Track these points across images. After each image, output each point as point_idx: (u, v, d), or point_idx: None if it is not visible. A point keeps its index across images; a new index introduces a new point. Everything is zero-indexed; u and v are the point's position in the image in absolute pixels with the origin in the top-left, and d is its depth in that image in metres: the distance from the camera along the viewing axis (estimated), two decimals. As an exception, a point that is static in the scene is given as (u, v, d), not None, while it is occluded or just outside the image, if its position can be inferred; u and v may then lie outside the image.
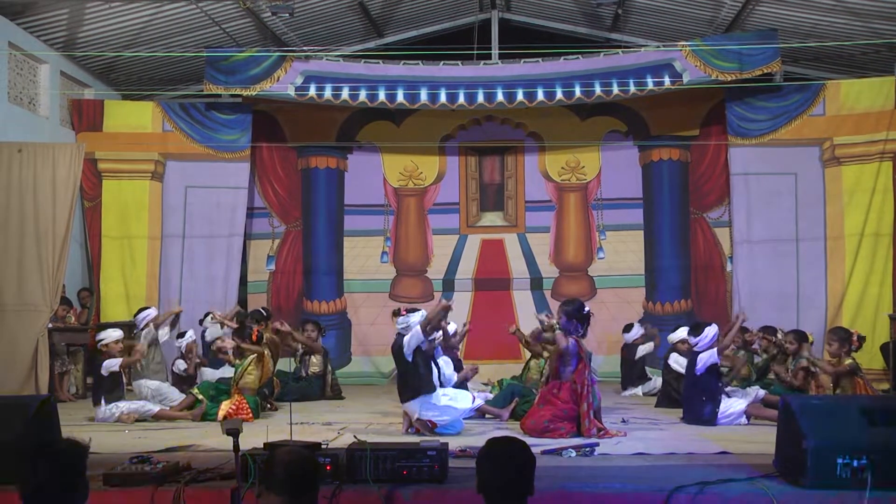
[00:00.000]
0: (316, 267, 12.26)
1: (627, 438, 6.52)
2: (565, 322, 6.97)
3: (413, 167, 12.42)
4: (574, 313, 6.96)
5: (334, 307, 12.22)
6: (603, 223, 12.26)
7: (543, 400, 6.90)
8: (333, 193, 12.44)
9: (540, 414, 6.76)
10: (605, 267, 12.20)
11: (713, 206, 12.03)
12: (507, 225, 12.41)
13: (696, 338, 7.71)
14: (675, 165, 12.14)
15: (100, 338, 8.21)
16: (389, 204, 12.45)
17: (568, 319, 6.95)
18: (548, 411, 6.74)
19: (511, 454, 3.24)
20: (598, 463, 5.47)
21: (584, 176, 12.34)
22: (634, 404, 9.06)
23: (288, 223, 12.40)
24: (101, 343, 8.14)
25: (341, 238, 12.38)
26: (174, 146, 11.55)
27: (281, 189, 12.41)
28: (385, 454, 4.68)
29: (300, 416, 7.62)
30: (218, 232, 11.54)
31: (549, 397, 6.83)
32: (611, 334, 11.60)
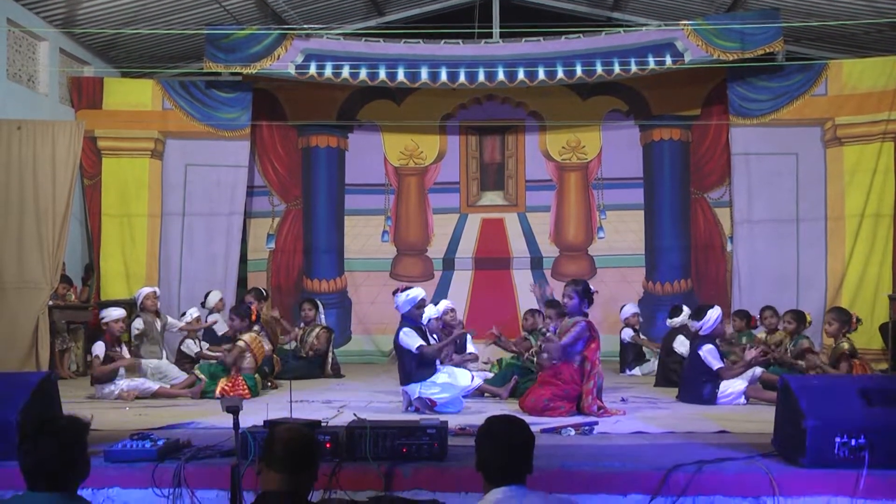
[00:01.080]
0: (316, 246, 12.26)
1: (626, 417, 6.53)
2: (577, 301, 6.91)
3: (413, 146, 12.38)
4: (585, 293, 6.94)
5: (334, 286, 12.22)
6: (603, 203, 12.24)
7: (543, 381, 6.90)
8: (334, 172, 12.41)
9: (539, 393, 6.77)
10: (606, 247, 12.18)
11: (714, 187, 12.00)
12: (508, 204, 12.39)
13: (698, 322, 7.68)
14: (675, 145, 12.10)
15: (101, 315, 8.23)
16: (390, 183, 12.42)
17: (579, 298, 6.90)
18: (548, 391, 6.74)
19: (510, 433, 3.24)
20: (597, 442, 5.47)
21: (585, 155, 12.30)
22: (633, 383, 9.07)
23: (288, 202, 12.38)
24: (102, 321, 8.15)
25: (342, 217, 12.36)
26: (174, 124, 11.51)
27: (281, 167, 12.37)
28: (385, 432, 4.69)
29: (300, 394, 7.63)
30: (218, 210, 11.52)
31: (549, 379, 6.82)
32: (610, 314, 11.59)
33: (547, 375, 6.88)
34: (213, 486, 4.52)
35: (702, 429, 5.91)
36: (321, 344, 9.90)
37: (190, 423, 6.13)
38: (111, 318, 8.08)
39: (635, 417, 6.55)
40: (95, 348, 7.97)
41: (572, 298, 6.92)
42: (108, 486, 4.55)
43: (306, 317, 10.04)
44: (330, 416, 6.26)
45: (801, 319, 8.56)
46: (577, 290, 6.91)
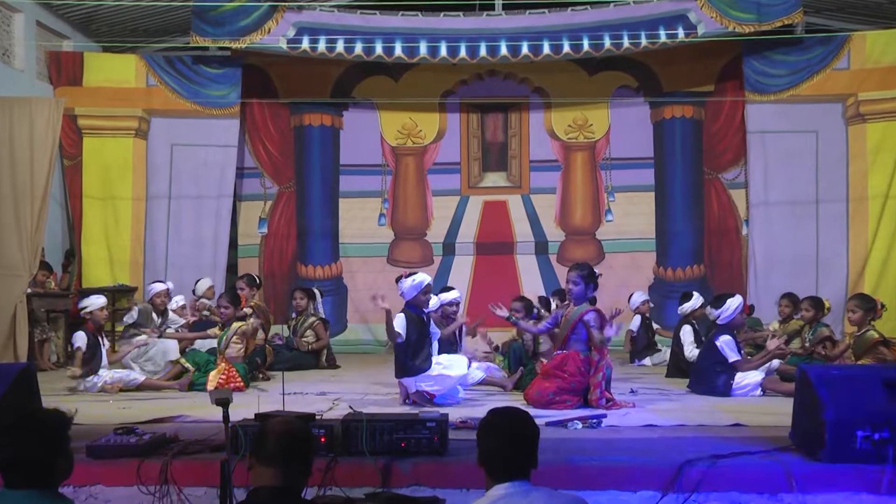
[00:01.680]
0: (310, 230, 12.25)
1: (636, 410, 6.53)
2: (582, 288, 6.87)
3: (412, 125, 12.35)
4: (590, 277, 6.90)
5: (329, 272, 12.22)
6: (612, 184, 12.22)
7: (547, 373, 6.88)
8: (328, 152, 12.38)
9: (544, 386, 6.74)
10: (614, 230, 12.17)
11: (728, 167, 11.97)
12: (511, 186, 12.37)
13: (717, 310, 7.66)
14: (688, 123, 12.07)
15: (82, 305, 8.15)
16: (387, 163, 12.40)
17: (584, 284, 6.86)
18: (553, 383, 6.71)
19: (514, 425, 3.22)
20: (606, 435, 5.47)
21: (592, 134, 12.27)
22: (644, 374, 9.08)
23: (280, 184, 12.36)
24: (84, 311, 8.08)
25: (337, 199, 12.34)
26: (159, 102, 11.47)
27: (273, 148, 12.35)
28: (382, 425, 4.69)
29: (293, 386, 7.64)
30: (206, 193, 11.50)
31: (554, 371, 6.80)
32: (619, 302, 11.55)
33: (551, 367, 6.86)
34: (201, 482, 4.52)
35: (715, 421, 5.91)
36: (322, 338, 9.89)
37: (177, 416, 6.13)
38: (95, 307, 8.02)
39: (646, 410, 6.55)
40: (76, 339, 7.94)
41: (577, 284, 6.87)
42: (91, 483, 4.55)
43: (298, 306, 9.99)
44: (324, 409, 6.25)
45: (819, 306, 8.54)
46: (581, 276, 6.86)
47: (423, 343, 6.87)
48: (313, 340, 9.85)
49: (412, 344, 6.80)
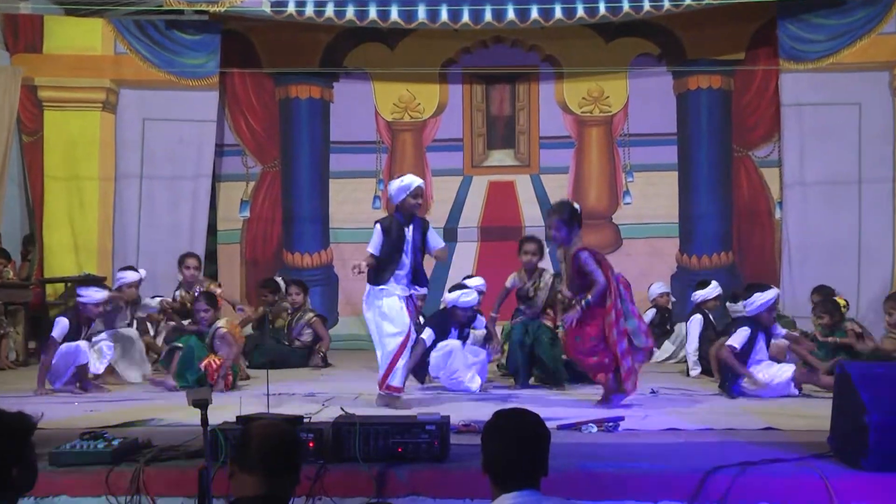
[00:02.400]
0: (297, 214, 12.24)
1: (658, 412, 6.55)
2: (566, 232, 6.78)
3: (409, 98, 12.33)
4: (572, 217, 6.81)
5: (318, 260, 12.22)
6: (630, 163, 12.20)
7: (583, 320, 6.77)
8: (317, 128, 12.37)
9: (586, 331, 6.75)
10: (633, 214, 12.16)
11: (760, 143, 11.94)
12: (519, 165, 12.36)
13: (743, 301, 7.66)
14: (715, 95, 12.03)
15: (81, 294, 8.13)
16: (382, 140, 12.39)
17: (568, 228, 6.78)
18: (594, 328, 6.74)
19: (522, 428, 3.22)
20: (624, 440, 5.48)
21: (609, 108, 12.25)
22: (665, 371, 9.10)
23: (264, 163, 12.35)
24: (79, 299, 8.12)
25: (327, 180, 12.33)
26: (129, 72, 11.44)
27: (256, 123, 12.34)
28: (377, 429, 4.69)
29: (279, 386, 7.65)
30: (182, 173, 11.49)
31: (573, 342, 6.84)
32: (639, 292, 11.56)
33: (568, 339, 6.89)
34: (177, 492, 4.53)
35: (744, 425, 5.92)
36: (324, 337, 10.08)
37: (150, 419, 6.14)
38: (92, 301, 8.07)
39: (667, 412, 6.56)
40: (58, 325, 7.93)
41: (560, 230, 6.80)
42: (55, 493, 4.56)
43: (294, 302, 10.14)
44: (314, 411, 6.26)
45: (834, 310, 8.44)
46: (563, 219, 6.78)
47: (397, 253, 6.89)
48: (310, 340, 9.96)
49: (383, 255, 6.88)
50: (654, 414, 6.48)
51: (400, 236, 6.92)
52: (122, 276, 9.22)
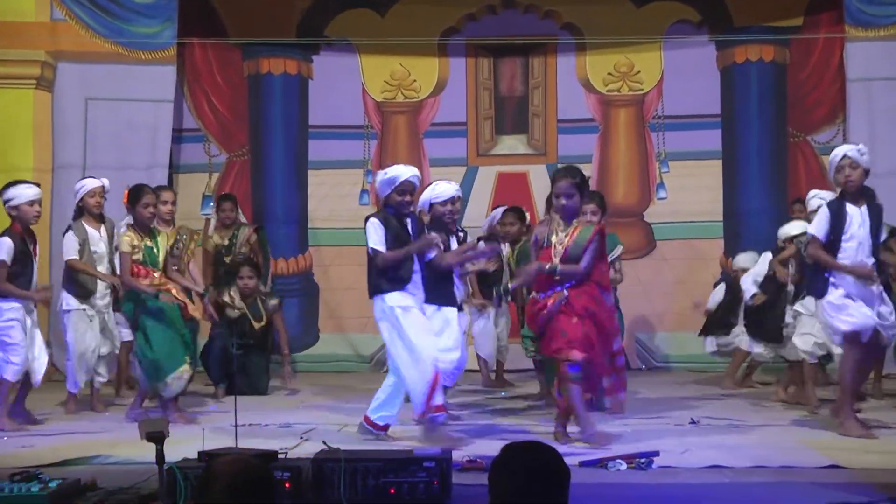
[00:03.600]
0: (270, 211, 12.23)
1: (700, 447, 6.54)
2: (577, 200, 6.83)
3: (403, 74, 12.35)
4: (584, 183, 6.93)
5: (295, 266, 12.21)
6: (665, 150, 12.21)
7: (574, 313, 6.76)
8: (294, 109, 12.40)
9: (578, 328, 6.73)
10: (668, 210, 12.15)
11: (821, 126, 11.97)
12: (533, 153, 12.37)
13: None
14: (767, 69, 12.03)
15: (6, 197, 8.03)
16: (371, 124, 12.40)
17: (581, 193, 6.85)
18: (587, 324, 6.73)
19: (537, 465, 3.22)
20: (658, 479, 5.48)
21: (640, 85, 12.27)
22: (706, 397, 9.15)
23: (230, 151, 12.36)
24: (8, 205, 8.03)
25: (305, 171, 12.34)
26: (68, 42, 11.41)
27: (220, 103, 12.36)
28: (366, 466, 4.70)
29: (249, 415, 7.63)
30: (133, 162, 11.42)
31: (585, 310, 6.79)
32: (676, 303, 11.59)
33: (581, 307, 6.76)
34: (127, 542, 4.52)
35: (803, 462, 5.91)
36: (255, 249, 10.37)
37: (95, 456, 6.13)
38: (23, 200, 7.96)
39: (710, 445, 6.55)
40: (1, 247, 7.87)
41: (571, 197, 6.81)
42: (-19, 544, 4.55)
43: (226, 218, 10.27)
44: (290, 446, 6.25)
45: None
46: (575, 183, 6.81)
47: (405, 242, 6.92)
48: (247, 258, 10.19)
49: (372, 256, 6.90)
50: (694, 448, 6.46)
51: (402, 229, 6.93)
52: (81, 184, 9.00)
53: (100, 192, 8.80)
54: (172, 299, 7.87)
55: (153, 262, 7.97)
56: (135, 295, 7.89)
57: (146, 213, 8.02)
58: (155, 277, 7.94)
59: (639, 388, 9.34)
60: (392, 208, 6.97)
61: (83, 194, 8.77)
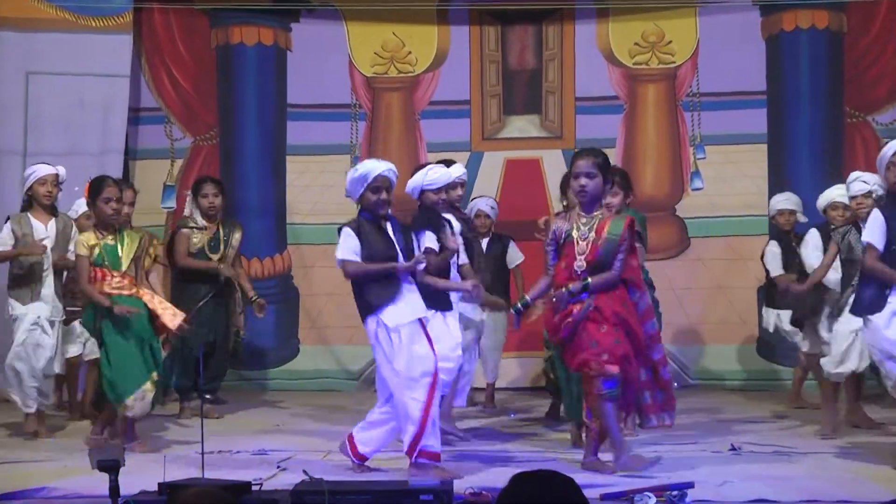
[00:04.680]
0: (242, 204, 12.19)
1: (741, 478, 6.55)
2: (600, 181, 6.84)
3: (397, 45, 12.35)
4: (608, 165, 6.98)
5: (272, 268, 12.20)
6: (701, 133, 12.20)
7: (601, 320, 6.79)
8: (269, 86, 12.42)
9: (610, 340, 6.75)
10: (705, 203, 12.14)
11: (883, 105, 11.96)
12: (548, 136, 12.37)
13: None
14: (820, 38, 12.02)
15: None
16: (359, 103, 12.40)
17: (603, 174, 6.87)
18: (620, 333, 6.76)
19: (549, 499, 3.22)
20: (694, 515, 5.49)
21: (672, 57, 12.26)
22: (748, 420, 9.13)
23: (196, 134, 12.36)
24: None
25: (283, 158, 12.34)
26: (6, 7, 11.43)
27: (184, 79, 12.36)
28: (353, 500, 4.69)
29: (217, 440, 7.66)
30: (83, 147, 11.47)
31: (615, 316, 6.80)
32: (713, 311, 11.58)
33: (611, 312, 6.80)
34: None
35: (862, 496, 5.93)
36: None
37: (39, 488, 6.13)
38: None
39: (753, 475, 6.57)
40: None
41: (593, 177, 6.81)
42: None
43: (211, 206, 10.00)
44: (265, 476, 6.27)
45: None
46: (598, 163, 6.84)
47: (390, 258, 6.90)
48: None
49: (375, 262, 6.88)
50: (735, 479, 6.47)
51: (381, 235, 6.92)
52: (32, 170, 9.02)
53: (52, 180, 8.82)
54: (130, 309, 7.84)
55: (113, 262, 7.94)
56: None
57: (107, 208, 8.00)
58: (113, 280, 7.92)
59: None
60: (367, 213, 6.96)
61: (32, 181, 8.81)
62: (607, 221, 6.82)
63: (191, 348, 9.37)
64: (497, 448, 7.81)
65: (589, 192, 6.81)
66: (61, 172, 8.89)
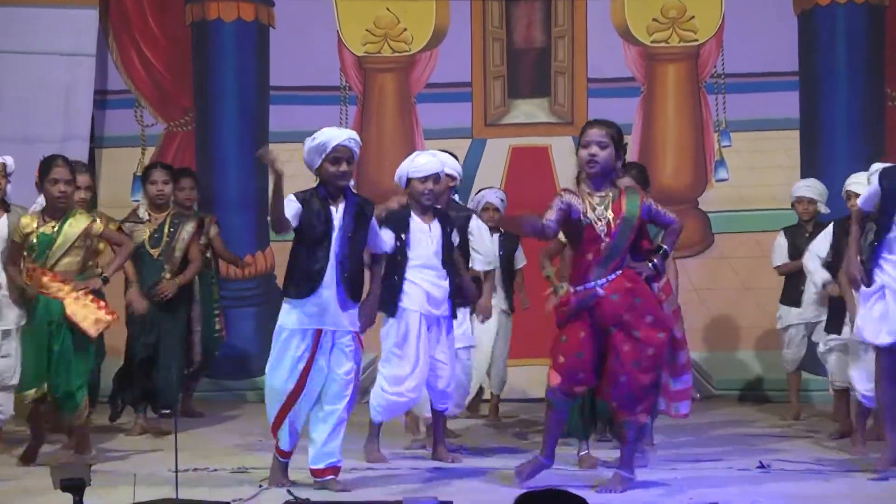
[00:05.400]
0: (221, 196, 12.22)
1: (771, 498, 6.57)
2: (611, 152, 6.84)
3: (391, 21, 12.38)
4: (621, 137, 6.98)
5: (253, 267, 12.20)
6: (726, 118, 12.23)
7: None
8: (250, 67, 12.44)
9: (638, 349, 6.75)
10: (731, 195, 12.16)
11: (928, 85, 11.98)
12: (557, 121, 12.38)
13: None
14: (859, 12, 12.00)
15: None
16: (349, 85, 12.41)
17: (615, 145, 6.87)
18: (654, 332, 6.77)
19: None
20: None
21: (694, 34, 12.28)
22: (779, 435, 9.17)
23: (170, 119, 12.38)
24: None
25: (265, 145, 12.31)
26: (-44, -22, 11.51)
27: (156, 58, 12.37)
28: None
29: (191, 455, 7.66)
30: (43, 133, 11.44)
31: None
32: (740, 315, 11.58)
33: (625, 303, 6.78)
34: None
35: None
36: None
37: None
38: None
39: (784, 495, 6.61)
40: None
41: (605, 147, 6.82)
42: None
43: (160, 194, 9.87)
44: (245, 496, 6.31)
45: None
46: (610, 134, 6.87)
47: (317, 242, 6.92)
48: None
49: (305, 243, 6.96)
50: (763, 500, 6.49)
51: (322, 216, 6.93)
52: None
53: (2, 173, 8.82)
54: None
55: (40, 252, 7.90)
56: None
57: (54, 190, 7.95)
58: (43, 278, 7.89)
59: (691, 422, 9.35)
60: (323, 188, 6.99)
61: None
62: (623, 198, 6.82)
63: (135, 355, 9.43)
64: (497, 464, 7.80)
65: (600, 162, 6.80)
66: (9, 162, 8.84)
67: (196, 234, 9.78)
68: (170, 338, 9.62)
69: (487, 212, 9.90)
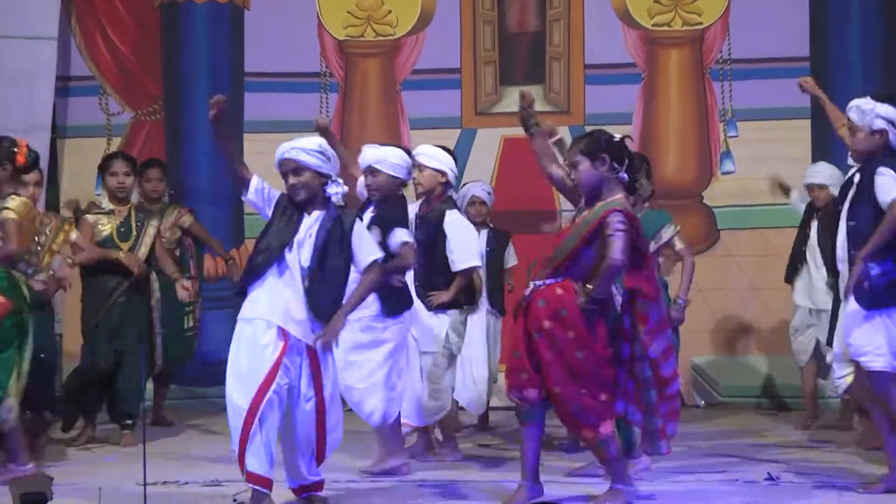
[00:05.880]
0: (192, 189, 12.23)
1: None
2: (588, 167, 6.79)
3: (374, 2, 12.43)
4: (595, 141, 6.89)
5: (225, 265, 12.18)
6: (732, 106, 12.25)
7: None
8: (224, 51, 12.51)
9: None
10: (737, 189, 12.19)
11: (949, 70, 12.01)
12: (552, 110, 12.36)
13: None
14: (873, -7, 12.09)
15: None
16: (330, 71, 12.44)
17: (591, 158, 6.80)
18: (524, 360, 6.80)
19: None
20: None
21: (699, 17, 12.32)
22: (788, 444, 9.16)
23: (137, 108, 12.42)
24: None
25: (240, 135, 12.34)
26: None
27: (123, 42, 12.40)
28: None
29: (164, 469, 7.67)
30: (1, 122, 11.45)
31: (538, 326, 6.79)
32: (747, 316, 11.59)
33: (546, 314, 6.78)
34: None
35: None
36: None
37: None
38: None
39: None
40: None
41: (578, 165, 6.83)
42: None
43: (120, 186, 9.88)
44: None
45: None
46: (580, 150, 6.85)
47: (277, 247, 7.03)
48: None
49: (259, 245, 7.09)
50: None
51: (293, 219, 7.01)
52: None
53: None
54: None
55: None
56: None
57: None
58: None
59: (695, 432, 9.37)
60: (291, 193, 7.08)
61: None
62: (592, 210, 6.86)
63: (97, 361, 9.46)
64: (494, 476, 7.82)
65: (582, 183, 6.88)
66: None
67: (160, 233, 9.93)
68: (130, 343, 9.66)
69: (474, 206, 10.02)
